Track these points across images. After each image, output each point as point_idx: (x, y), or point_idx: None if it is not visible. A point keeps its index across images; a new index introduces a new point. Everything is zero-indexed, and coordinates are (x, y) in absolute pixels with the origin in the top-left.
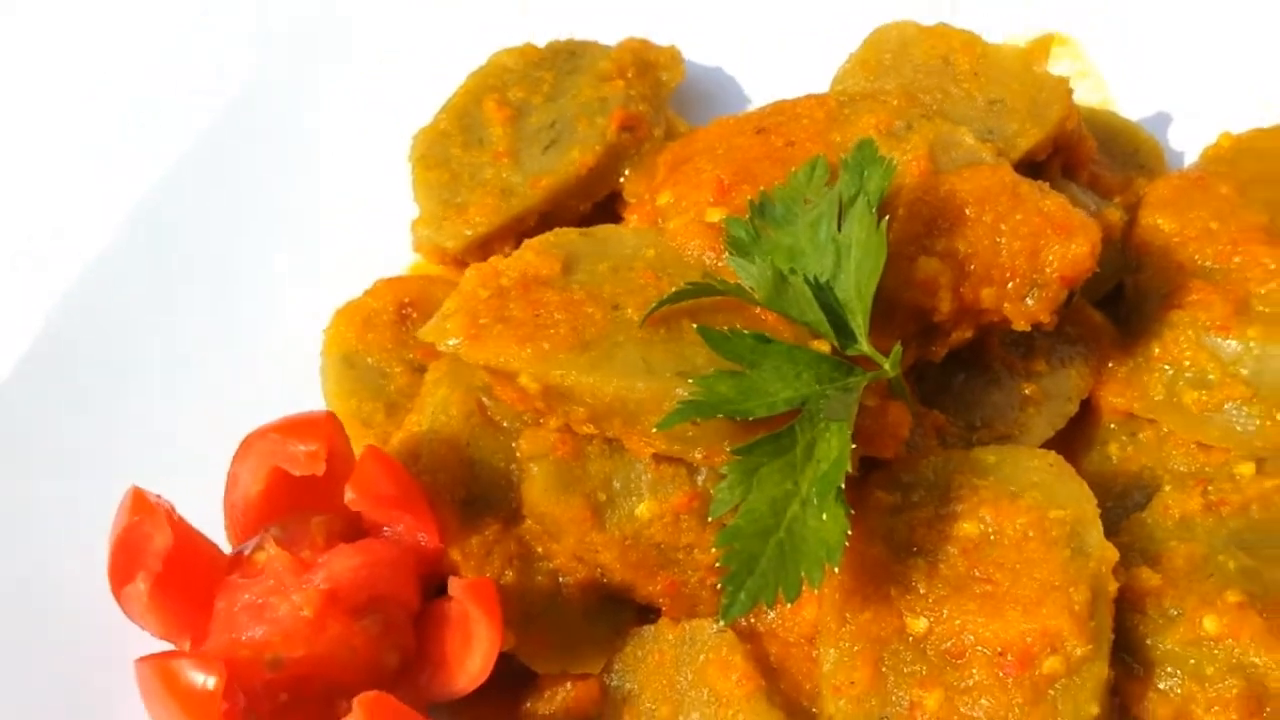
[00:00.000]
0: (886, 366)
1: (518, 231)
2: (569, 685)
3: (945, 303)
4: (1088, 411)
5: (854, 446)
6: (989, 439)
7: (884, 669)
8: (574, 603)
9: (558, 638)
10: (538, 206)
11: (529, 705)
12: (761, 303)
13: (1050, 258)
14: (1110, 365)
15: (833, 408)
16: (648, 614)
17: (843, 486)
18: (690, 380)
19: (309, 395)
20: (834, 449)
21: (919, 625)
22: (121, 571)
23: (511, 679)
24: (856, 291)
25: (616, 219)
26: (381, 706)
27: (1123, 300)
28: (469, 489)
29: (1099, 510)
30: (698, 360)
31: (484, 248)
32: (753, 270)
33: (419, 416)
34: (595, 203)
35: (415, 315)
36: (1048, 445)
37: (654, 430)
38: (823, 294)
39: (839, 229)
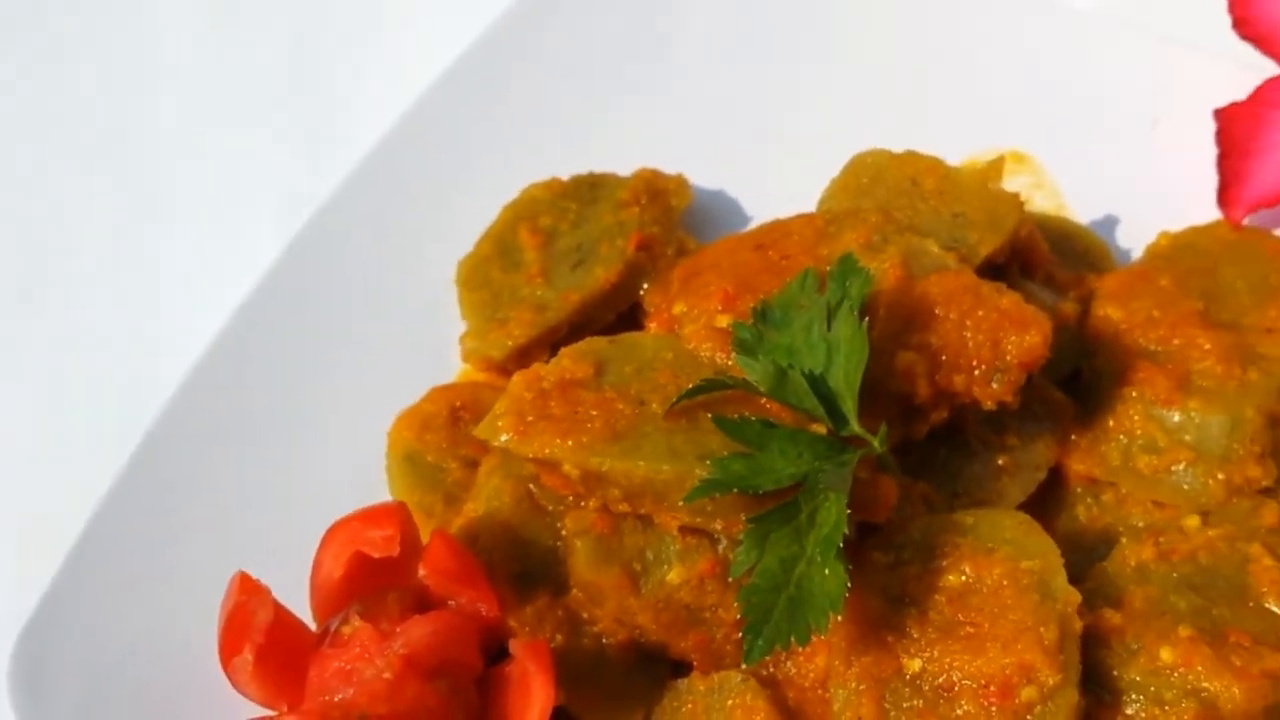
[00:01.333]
0: (875, 444)
1: (552, 341)
2: None
3: (922, 388)
4: (1057, 478)
5: (850, 513)
6: (969, 505)
7: (886, 705)
8: (616, 661)
9: (603, 693)
10: (569, 318)
11: None
12: (765, 394)
13: (1009, 347)
14: (1073, 437)
15: (830, 480)
16: (681, 669)
17: (841, 547)
18: (709, 462)
19: (377, 490)
20: (833, 515)
21: (914, 665)
22: (230, 645)
23: None
24: (846, 381)
25: (638, 326)
26: None
27: (1081, 381)
28: (522, 565)
29: (1064, 561)
30: (713, 445)
31: (524, 356)
32: (757, 367)
33: (475, 504)
34: (619, 313)
35: (466, 417)
36: (1023, 508)
37: (680, 506)
38: (817, 385)
39: (828, 329)
